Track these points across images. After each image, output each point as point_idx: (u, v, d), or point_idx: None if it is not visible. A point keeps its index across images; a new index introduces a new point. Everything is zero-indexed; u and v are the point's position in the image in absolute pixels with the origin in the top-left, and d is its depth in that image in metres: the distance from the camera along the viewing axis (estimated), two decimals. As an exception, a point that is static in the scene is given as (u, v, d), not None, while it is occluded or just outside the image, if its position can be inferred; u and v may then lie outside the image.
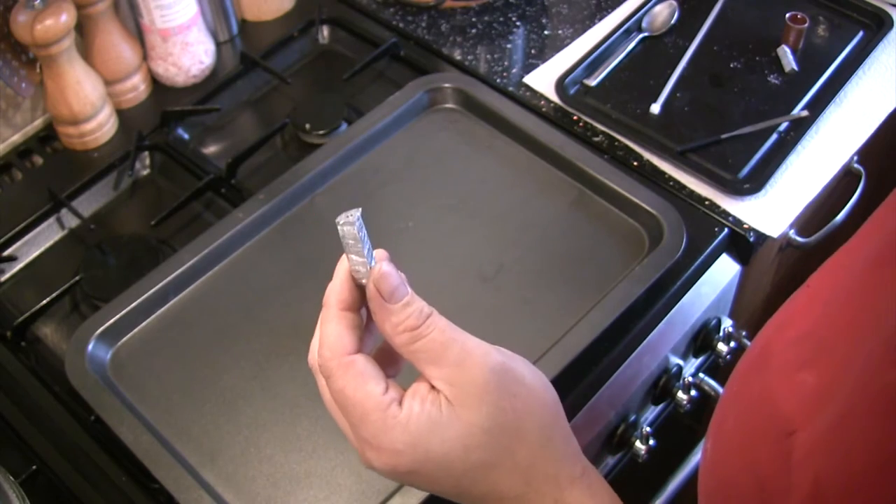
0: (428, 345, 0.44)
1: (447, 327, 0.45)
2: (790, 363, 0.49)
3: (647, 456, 0.90)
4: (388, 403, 0.44)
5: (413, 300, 0.46)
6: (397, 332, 0.45)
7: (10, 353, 0.85)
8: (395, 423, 0.44)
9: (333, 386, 0.46)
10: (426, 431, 0.44)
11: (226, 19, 1.12)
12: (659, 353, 0.88)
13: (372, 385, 0.44)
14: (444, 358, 0.44)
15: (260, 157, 1.00)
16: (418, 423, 0.44)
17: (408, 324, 0.45)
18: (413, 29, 1.12)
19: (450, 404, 0.43)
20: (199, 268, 0.86)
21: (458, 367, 0.44)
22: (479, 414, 0.43)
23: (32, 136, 1.04)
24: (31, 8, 0.91)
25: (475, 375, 0.43)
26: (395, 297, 0.45)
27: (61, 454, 0.78)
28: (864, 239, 0.50)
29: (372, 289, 0.46)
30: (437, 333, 0.44)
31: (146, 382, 0.80)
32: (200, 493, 0.71)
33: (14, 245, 0.94)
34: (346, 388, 0.45)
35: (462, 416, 0.43)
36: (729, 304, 0.97)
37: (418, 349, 0.44)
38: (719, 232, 0.89)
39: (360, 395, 0.44)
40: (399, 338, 0.45)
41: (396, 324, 0.45)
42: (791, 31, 1.04)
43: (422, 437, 0.43)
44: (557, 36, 1.10)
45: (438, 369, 0.44)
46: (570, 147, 0.92)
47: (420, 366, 0.45)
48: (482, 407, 0.43)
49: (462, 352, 0.44)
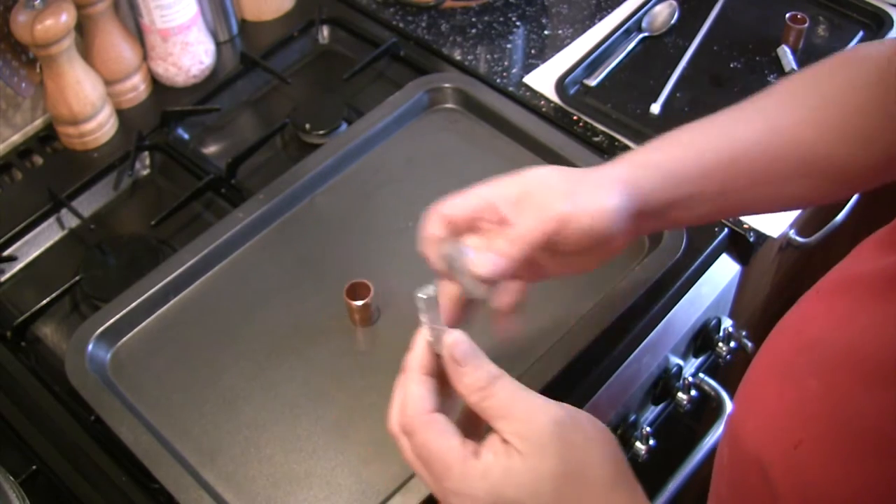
0: (498, 402, 0.50)
1: (515, 387, 0.50)
2: (801, 369, 0.50)
3: (647, 456, 0.90)
4: (466, 455, 0.49)
5: (482, 364, 0.51)
6: (470, 391, 0.51)
7: (10, 353, 0.85)
8: (474, 473, 0.49)
9: (416, 441, 0.51)
10: (501, 479, 0.48)
11: (226, 19, 1.12)
12: (659, 353, 0.88)
13: (452, 439, 0.50)
14: (513, 414, 0.49)
15: (260, 157, 1.00)
16: (494, 472, 0.48)
17: (479, 385, 0.50)
18: (413, 29, 1.12)
19: (520, 454, 0.48)
20: (199, 268, 0.86)
21: (526, 422, 0.49)
22: (547, 463, 0.48)
23: (32, 136, 1.04)
24: (31, 8, 0.91)
25: (541, 429, 0.49)
26: (467, 360, 0.51)
27: (61, 454, 0.78)
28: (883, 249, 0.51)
29: (446, 355, 0.52)
30: (505, 393, 0.50)
31: (146, 382, 0.80)
32: (200, 493, 0.71)
33: (14, 245, 0.94)
34: (428, 442, 0.50)
35: (531, 464, 0.48)
36: (729, 304, 0.97)
37: (489, 406, 0.50)
38: (719, 232, 0.89)
39: (443, 449, 0.50)
40: (472, 397, 0.51)
41: (469, 384, 0.51)
42: (791, 31, 1.04)
43: (497, 484, 0.48)
44: (557, 36, 1.10)
45: (508, 424, 0.49)
46: (570, 147, 0.92)
47: (492, 422, 0.50)
48: (547, 457, 0.48)
49: (528, 408, 0.49)
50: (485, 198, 0.62)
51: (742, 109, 0.67)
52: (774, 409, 0.51)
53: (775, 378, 0.52)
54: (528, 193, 0.61)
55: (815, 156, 0.65)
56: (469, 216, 0.62)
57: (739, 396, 0.56)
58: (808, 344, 0.51)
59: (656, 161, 0.64)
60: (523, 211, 0.60)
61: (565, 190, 0.61)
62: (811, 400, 0.47)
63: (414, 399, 0.52)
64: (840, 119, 0.64)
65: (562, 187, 0.61)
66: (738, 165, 0.64)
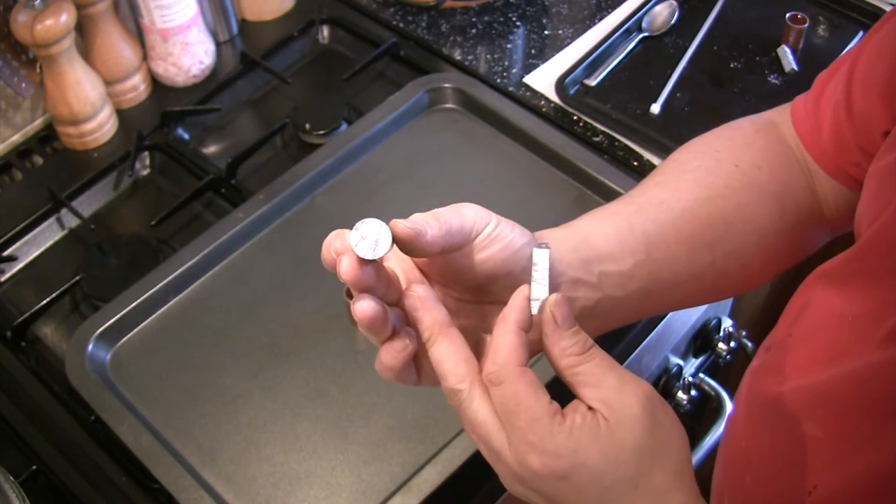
0: (590, 369, 0.49)
1: (606, 356, 0.50)
2: (797, 412, 0.51)
3: (647, 456, 0.90)
4: (555, 411, 0.49)
5: (580, 330, 0.51)
6: (565, 354, 0.50)
7: (10, 353, 0.85)
8: (560, 430, 0.48)
9: (507, 391, 0.49)
10: (587, 441, 0.48)
11: (226, 19, 1.12)
12: (659, 353, 0.88)
13: (543, 395, 0.49)
14: (603, 382, 0.49)
15: (260, 157, 1.00)
16: (581, 433, 0.48)
17: (575, 349, 0.50)
18: (413, 29, 1.12)
19: (607, 422, 0.48)
20: (199, 268, 0.86)
21: (616, 391, 0.49)
22: (633, 433, 0.48)
23: (32, 136, 1.04)
24: (31, 8, 0.91)
25: (631, 400, 0.49)
26: (568, 324, 0.50)
27: (61, 454, 0.78)
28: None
29: (548, 313, 0.51)
30: (598, 360, 0.50)
31: (146, 382, 0.80)
32: (200, 493, 0.71)
33: (14, 245, 0.94)
34: (519, 392, 0.49)
35: (618, 433, 0.48)
36: (729, 304, 0.97)
37: (581, 372, 0.50)
38: (719, 232, 0.89)
39: (533, 401, 0.49)
40: (566, 360, 0.50)
41: (565, 347, 0.50)
42: (791, 31, 1.04)
43: (582, 444, 0.48)
44: (557, 36, 1.10)
45: (597, 391, 0.49)
46: (570, 147, 0.92)
47: (579, 388, 0.50)
48: (636, 427, 0.48)
49: (619, 378, 0.49)
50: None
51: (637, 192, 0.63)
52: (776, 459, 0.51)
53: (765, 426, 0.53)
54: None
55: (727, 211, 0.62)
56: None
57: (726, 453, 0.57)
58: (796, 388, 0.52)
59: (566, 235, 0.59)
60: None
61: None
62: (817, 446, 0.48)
63: (508, 349, 0.50)
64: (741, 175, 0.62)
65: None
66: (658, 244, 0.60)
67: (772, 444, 0.52)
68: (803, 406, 0.51)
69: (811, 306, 0.56)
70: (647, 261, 0.58)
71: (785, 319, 0.59)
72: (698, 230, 0.61)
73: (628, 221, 0.59)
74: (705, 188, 0.61)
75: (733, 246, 0.62)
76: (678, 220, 0.60)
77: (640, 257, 0.58)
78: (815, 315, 0.55)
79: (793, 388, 0.52)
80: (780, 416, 0.52)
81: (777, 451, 0.51)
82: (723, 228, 0.61)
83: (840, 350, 0.50)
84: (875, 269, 0.50)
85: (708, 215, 0.61)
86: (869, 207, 0.53)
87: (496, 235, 0.54)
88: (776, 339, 0.58)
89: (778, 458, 0.51)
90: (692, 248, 0.61)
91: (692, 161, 0.64)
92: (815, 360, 0.52)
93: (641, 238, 0.58)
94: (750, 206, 0.62)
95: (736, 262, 0.63)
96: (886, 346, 0.46)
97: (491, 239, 0.53)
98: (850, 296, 0.52)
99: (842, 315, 0.52)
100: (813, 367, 0.52)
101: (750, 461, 0.54)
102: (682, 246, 0.60)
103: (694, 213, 0.61)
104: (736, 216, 0.61)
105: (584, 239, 0.57)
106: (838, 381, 0.49)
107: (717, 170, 0.62)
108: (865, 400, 0.47)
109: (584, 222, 0.59)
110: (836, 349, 0.50)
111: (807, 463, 0.48)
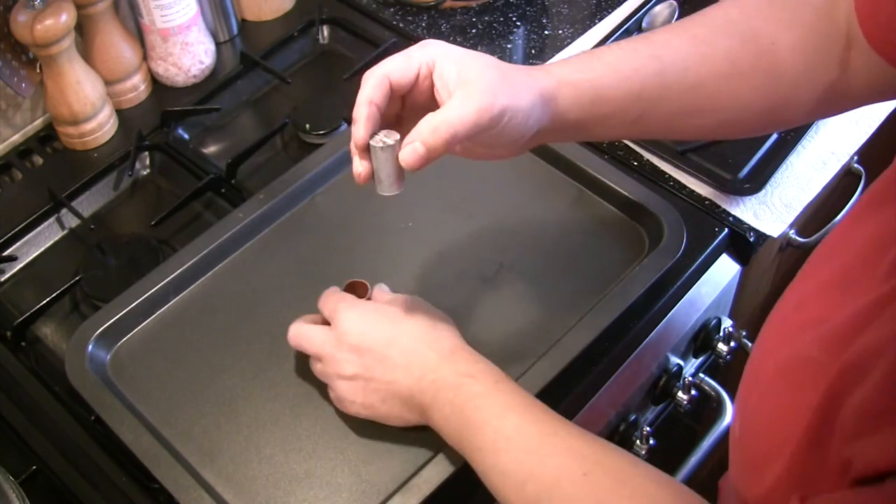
0: None
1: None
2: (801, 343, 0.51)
3: (647, 456, 0.90)
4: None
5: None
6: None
7: (10, 353, 0.85)
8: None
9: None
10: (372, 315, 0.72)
11: (226, 19, 1.12)
12: (659, 353, 0.88)
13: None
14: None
15: (260, 157, 1.00)
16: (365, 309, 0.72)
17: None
18: (413, 29, 1.12)
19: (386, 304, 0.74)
20: (199, 268, 0.86)
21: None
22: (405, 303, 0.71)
23: (32, 136, 1.04)
24: (31, 8, 0.91)
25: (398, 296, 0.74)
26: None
27: (61, 454, 0.78)
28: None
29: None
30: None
31: (146, 382, 0.80)
32: (200, 493, 0.71)
33: (14, 245, 0.94)
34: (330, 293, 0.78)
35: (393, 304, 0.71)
36: (729, 304, 0.97)
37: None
38: (719, 232, 0.89)
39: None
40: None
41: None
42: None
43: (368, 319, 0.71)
44: (557, 36, 1.10)
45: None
46: (570, 147, 0.92)
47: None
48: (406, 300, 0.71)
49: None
50: (427, 64, 0.62)
51: (675, 32, 0.67)
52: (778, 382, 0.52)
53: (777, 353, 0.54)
54: (467, 80, 0.61)
55: (742, 88, 0.66)
56: (409, 83, 0.62)
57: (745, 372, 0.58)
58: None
59: (581, 81, 0.65)
60: (459, 95, 0.60)
61: (506, 85, 0.61)
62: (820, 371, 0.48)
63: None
64: (771, 55, 0.65)
65: (503, 81, 0.61)
66: (664, 95, 0.65)
67: (776, 366, 0.53)
68: (813, 337, 0.51)
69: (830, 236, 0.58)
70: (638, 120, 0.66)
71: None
72: (701, 101, 0.66)
73: (641, 85, 0.64)
74: (730, 64, 0.65)
75: (729, 117, 0.68)
76: (689, 91, 0.65)
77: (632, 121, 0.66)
78: (830, 241, 0.57)
79: (805, 321, 0.53)
80: (790, 342, 0.53)
81: (781, 373, 0.53)
82: (726, 103, 0.66)
83: (850, 281, 0.51)
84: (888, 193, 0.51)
85: (718, 91, 0.65)
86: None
87: (504, 122, 0.61)
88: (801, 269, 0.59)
89: (781, 379, 0.52)
90: (687, 114, 0.67)
91: (736, 25, 0.66)
92: (826, 291, 0.53)
93: (641, 105, 0.65)
94: (763, 86, 0.66)
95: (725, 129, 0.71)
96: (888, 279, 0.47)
97: (501, 125, 0.61)
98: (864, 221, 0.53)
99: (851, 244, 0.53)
100: (822, 299, 0.53)
101: (758, 380, 0.56)
102: (679, 113, 0.67)
103: (707, 87, 0.65)
104: (744, 93, 0.66)
105: (593, 99, 0.64)
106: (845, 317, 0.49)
107: (752, 45, 0.65)
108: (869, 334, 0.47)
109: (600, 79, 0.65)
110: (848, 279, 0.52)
111: (806, 385, 0.49)
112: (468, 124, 0.60)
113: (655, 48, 0.66)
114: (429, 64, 0.62)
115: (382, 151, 0.62)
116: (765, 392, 0.54)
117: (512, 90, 0.61)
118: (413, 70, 0.62)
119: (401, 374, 0.69)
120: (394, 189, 0.64)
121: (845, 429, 0.45)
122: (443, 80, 0.62)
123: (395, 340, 0.70)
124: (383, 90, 0.62)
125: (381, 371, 0.70)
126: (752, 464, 0.55)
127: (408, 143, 0.60)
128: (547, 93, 0.63)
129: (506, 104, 0.60)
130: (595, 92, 0.65)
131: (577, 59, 0.67)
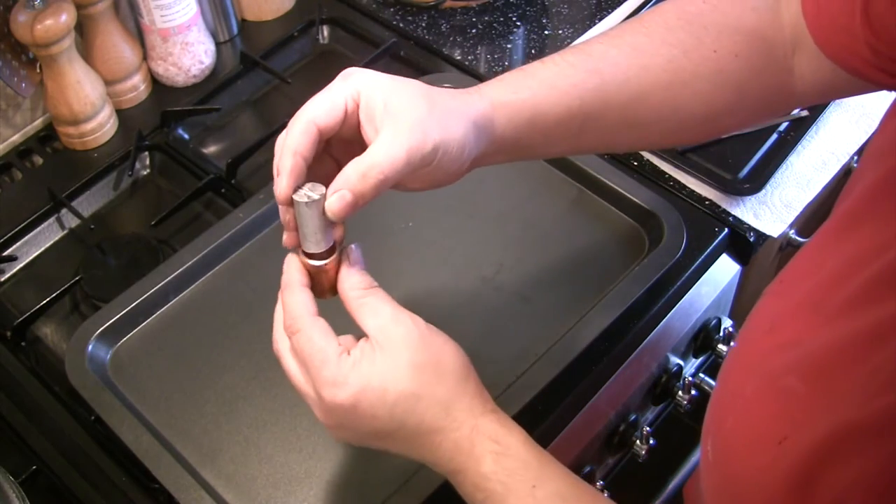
0: (372, 301, 0.59)
1: (386, 296, 0.60)
2: (775, 368, 0.51)
3: (647, 456, 0.90)
4: (342, 351, 0.58)
5: (366, 273, 0.61)
6: (354, 288, 0.60)
7: (10, 353, 0.85)
8: (346, 364, 0.57)
9: (302, 338, 0.58)
10: (367, 367, 0.57)
11: (226, 19, 1.12)
12: (659, 353, 0.88)
13: (332, 339, 0.58)
14: (381, 312, 0.59)
15: (260, 157, 1.00)
16: (363, 364, 0.57)
17: (363, 284, 0.60)
18: (413, 29, 1.12)
19: (382, 347, 0.57)
20: (199, 268, 0.86)
21: (390, 318, 0.58)
22: (404, 352, 0.57)
23: (32, 136, 1.04)
24: (31, 8, 0.91)
25: (401, 326, 0.58)
26: (359, 263, 0.61)
27: (61, 454, 0.78)
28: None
29: (344, 255, 0.61)
30: (380, 295, 0.60)
31: (146, 382, 0.80)
32: (200, 493, 0.71)
33: (14, 245, 0.94)
34: (312, 338, 0.58)
35: (391, 353, 0.57)
36: (729, 304, 0.97)
37: (365, 304, 0.59)
38: (719, 232, 0.89)
39: (324, 343, 0.58)
40: (353, 293, 0.60)
41: (355, 283, 0.60)
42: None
43: (363, 371, 0.57)
44: (557, 36, 1.10)
45: (376, 320, 0.58)
46: (570, 147, 0.92)
47: (363, 318, 0.59)
48: (407, 346, 0.58)
49: (394, 309, 0.59)
50: (353, 97, 0.58)
51: (613, 43, 0.66)
52: (754, 407, 0.52)
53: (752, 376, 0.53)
54: (394, 114, 0.57)
55: (685, 97, 0.65)
56: (337, 125, 0.58)
57: (716, 394, 0.57)
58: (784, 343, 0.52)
59: (516, 101, 0.63)
60: (386, 133, 0.57)
61: (437, 117, 0.58)
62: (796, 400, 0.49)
63: (299, 304, 0.59)
64: (713, 62, 0.64)
65: (432, 112, 0.58)
66: (605, 109, 0.64)
67: (754, 391, 0.53)
68: (787, 362, 0.51)
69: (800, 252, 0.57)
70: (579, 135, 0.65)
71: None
72: (643, 113, 0.65)
73: (580, 101, 0.63)
74: (672, 73, 0.64)
75: (672, 126, 0.67)
76: (630, 104, 0.65)
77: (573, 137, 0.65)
78: (800, 261, 0.56)
79: (779, 343, 0.52)
80: (764, 366, 0.53)
81: (757, 398, 0.52)
82: (669, 113, 0.66)
83: (822, 302, 0.51)
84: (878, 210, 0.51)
85: (661, 102, 0.65)
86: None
87: (438, 158, 0.59)
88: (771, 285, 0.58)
89: (756, 407, 0.52)
90: (629, 126, 0.66)
91: (676, 33, 0.65)
92: (799, 313, 0.53)
93: (581, 120, 0.64)
94: (706, 94, 0.65)
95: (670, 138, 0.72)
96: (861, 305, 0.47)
97: (435, 162, 0.59)
98: (838, 241, 0.53)
99: (825, 263, 0.52)
100: (796, 321, 0.52)
101: (734, 405, 0.55)
102: (621, 126, 0.66)
103: (648, 98, 0.65)
104: (687, 102, 0.65)
105: (531, 119, 0.63)
106: (821, 343, 0.49)
107: (693, 53, 0.65)
108: (847, 362, 0.47)
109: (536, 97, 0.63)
110: (822, 301, 0.51)
111: (782, 415, 0.49)
112: (398, 166, 0.56)
113: (593, 62, 0.64)
114: (354, 97, 0.58)
115: (307, 207, 0.57)
116: (742, 417, 0.53)
117: (443, 122, 0.58)
118: (339, 109, 0.57)
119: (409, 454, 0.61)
120: (321, 246, 0.59)
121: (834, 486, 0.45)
122: (368, 114, 0.58)
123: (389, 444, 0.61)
124: (310, 138, 0.57)
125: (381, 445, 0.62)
126: (730, 493, 0.53)
127: (334, 190, 0.56)
128: (481, 118, 0.60)
129: (438, 139, 0.57)
130: (532, 111, 0.62)
131: (510, 77, 0.64)
